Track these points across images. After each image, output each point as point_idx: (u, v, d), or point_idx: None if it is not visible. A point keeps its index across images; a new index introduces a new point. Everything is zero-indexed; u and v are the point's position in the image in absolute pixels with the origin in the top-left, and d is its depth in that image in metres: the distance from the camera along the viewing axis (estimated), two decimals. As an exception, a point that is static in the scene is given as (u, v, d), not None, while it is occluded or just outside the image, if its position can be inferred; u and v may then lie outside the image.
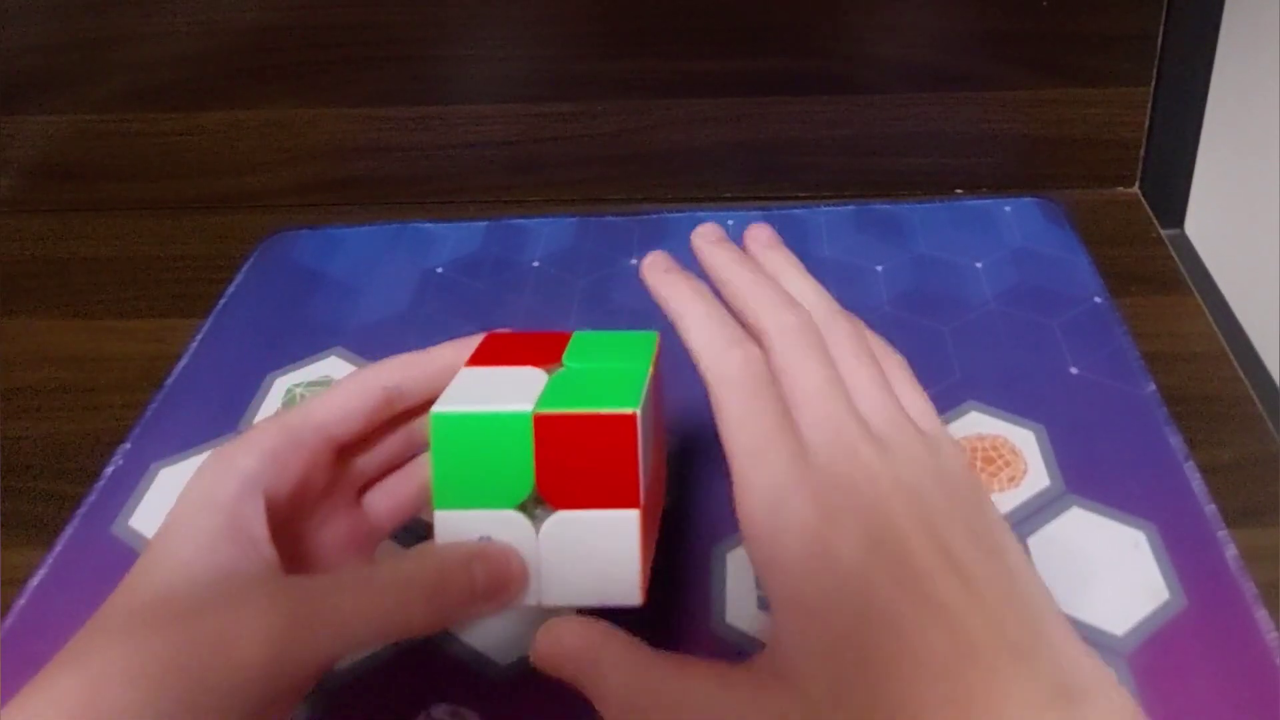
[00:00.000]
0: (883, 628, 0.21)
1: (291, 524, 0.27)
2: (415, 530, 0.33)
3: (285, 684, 0.22)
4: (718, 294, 0.28)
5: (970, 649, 0.21)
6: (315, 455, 0.27)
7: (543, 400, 0.26)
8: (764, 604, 0.32)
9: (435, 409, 0.26)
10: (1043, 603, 0.23)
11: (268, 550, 0.25)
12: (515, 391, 0.26)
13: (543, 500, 0.26)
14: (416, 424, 0.30)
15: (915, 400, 0.28)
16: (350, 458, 0.29)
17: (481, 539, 0.26)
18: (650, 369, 0.28)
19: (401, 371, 0.29)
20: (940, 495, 0.24)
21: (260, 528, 0.25)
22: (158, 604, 0.23)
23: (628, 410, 0.25)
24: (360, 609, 0.23)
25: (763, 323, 0.26)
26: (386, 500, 0.31)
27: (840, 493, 0.23)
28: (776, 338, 0.26)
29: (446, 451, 0.26)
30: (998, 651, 0.21)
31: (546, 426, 0.25)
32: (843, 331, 0.27)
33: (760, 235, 0.31)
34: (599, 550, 0.26)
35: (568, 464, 0.25)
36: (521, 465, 0.26)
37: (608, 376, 0.27)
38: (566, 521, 0.26)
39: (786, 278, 0.29)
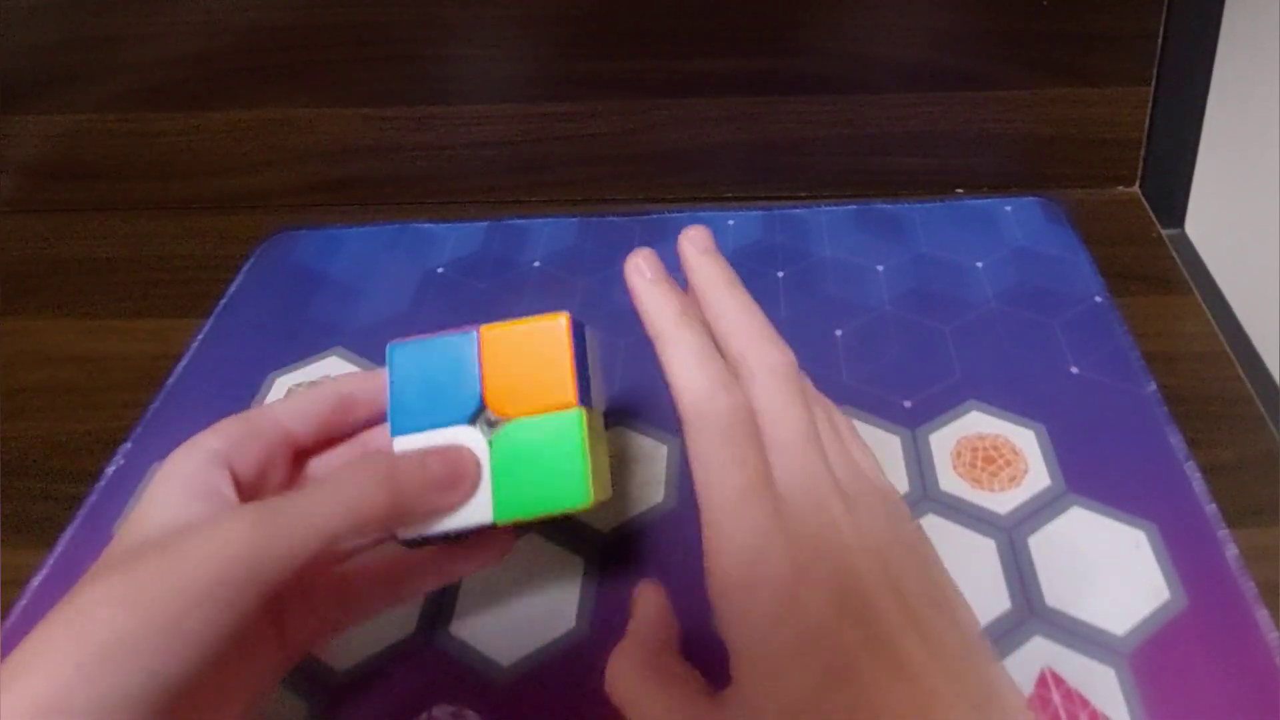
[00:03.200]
0: (848, 687, 0.21)
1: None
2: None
3: (263, 583, 0.23)
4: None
5: (932, 708, 0.21)
6: (272, 446, 0.28)
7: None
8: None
9: (390, 344, 0.29)
10: (989, 656, 0.23)
11: (234, 501, 0.26)
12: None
13: (491, 413, 0.28)
14: (370, 434, 0.31)
15: (864, 454, 0.28)
16: (310, 465, 0.30)
17: None
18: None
19: (357, 382, 0.30)
20: (899, 552, 0.24)
21: (228, 489, 0.26)
22: (132, 548, 0.24)
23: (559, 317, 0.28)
24: (321, 500, 0.25)
25: (749, 359, 0.26)
26: None
27: (811, 548, 0.23)
28: (763, 377, 0.25)
29: (403, 378, 0.28)
30: (958, 710, 0.21)
31: (490, 342, 0.28)
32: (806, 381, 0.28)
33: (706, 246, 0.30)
34: (547, 455, 0.27)
35: (510, 374, 0.28)
36: (471, 381, 0.28)
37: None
38: (515, 429, 0.27)
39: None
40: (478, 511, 0.27)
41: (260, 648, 0.26)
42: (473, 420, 0.28)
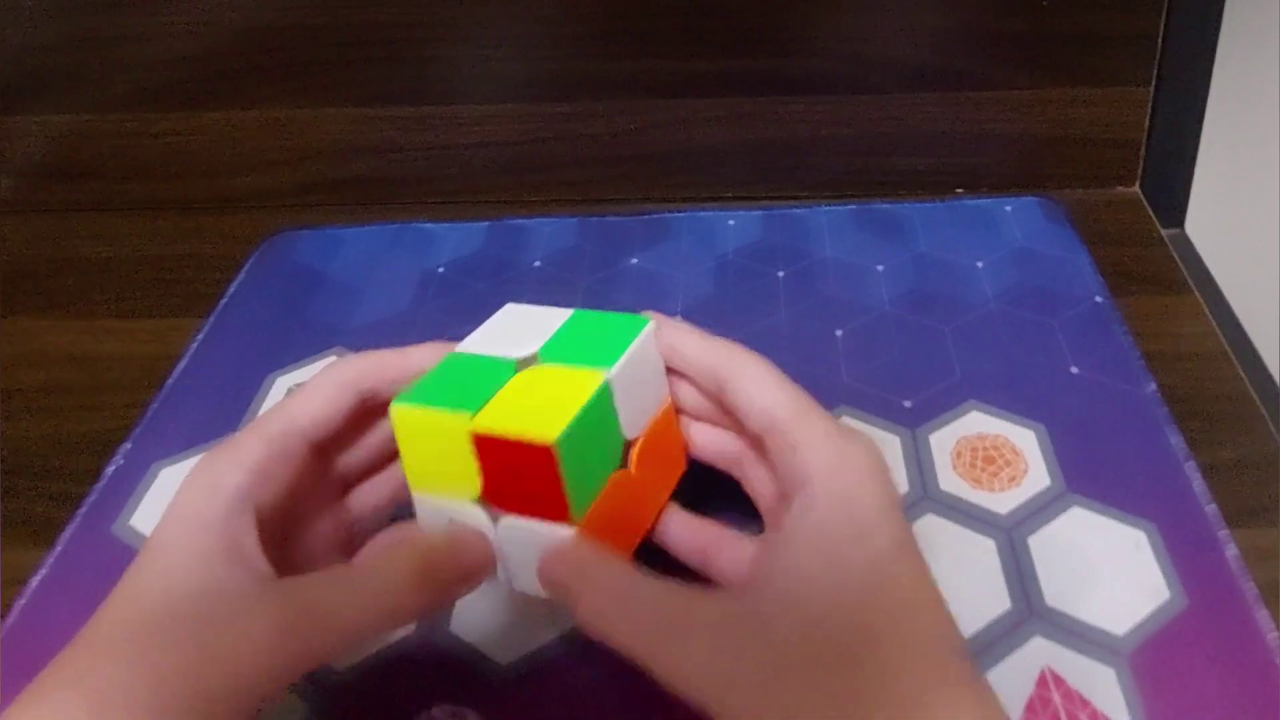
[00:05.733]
0: (887, 614, 0.23)
1: (280, 526, 0.28)
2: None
3: (283, 684, 0.23)
4: None
5: (944, 662, 0.22)
6: (301, 463, 0.27)
7: (486, 412, 0.26)
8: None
9: (395, 399, 0.27)
10: None
11: (260, 563, 0.25)
12: (474, 387, 0.27)
13: (490, 504, 0.27)
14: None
15: None
16: (332, 456, 0.30)
17: (451, 522, 0.27)
18: (607, 378, 0.27)
19: (377, 373, 0.29)
20: None
21: (251, 542, 0.25)
22: (155, 623, 0.23)
23: (545, 441, 0.24)
24: (352, 605, 0.24)
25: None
26: (369, 497, 0.31)
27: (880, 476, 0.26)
28: None
29: (407, 440, 0.27)
30: (962, 674, 0.23)
31: (480, 440, 0.26)
32: None
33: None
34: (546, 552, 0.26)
35: (505, 476, 0.26)
36: (469, 466, 0.26)
37: (565, 383, 0.27)
38: (514, 525, 0.26)
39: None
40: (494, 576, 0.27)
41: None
42: (478, 500, 0.27)
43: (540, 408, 0.26)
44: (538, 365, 0.28)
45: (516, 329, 0.30)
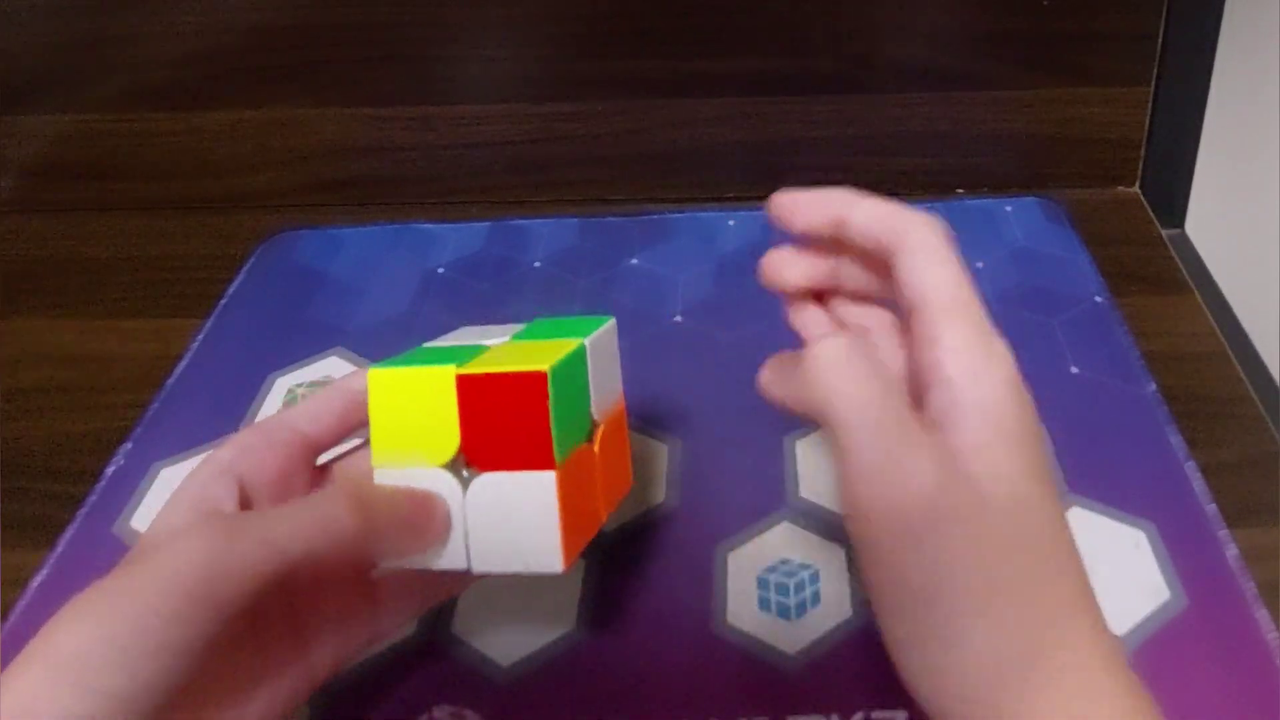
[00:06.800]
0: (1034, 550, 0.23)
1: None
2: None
3: (220, 598, 0.22)
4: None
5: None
6: (289, 450, 0.28)
7: (470, 363, 0.26)
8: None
9: (372, 367, 0.27)
10: None
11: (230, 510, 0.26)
12: (453, 356, 0.27)
13: (468, 462, 0.26)
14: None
15: None
16: (335, 470, 0.30)
17: None
18: (584, 342, 0.28)
19: (364, 380, 0.29)
20: None
21: (229, 502, 0.26)
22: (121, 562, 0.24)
23: (539, 369, 0.25)
24: (287, 518, 0.24)
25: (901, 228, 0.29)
26: (398, 601, 0.30)
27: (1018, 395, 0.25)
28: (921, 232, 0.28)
29: (381, 406, 0.27)
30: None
31: (466, 385, 0.26)
32: None
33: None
34: (521, 514, 0.26)
35: (488, 424, 0.26)
36: (448, 423, 0.26)
37: (542, 347, 0.27)
38: (490, 484, 0.26)
39: None
40: (453, 558, 0.26)
41: (281, 663, 0.26)
42: (449, 465, 0.26)
43: (523, 358, 0.26)
44: (512, 340, 0.29)
45: (480, 333, 0.30)
